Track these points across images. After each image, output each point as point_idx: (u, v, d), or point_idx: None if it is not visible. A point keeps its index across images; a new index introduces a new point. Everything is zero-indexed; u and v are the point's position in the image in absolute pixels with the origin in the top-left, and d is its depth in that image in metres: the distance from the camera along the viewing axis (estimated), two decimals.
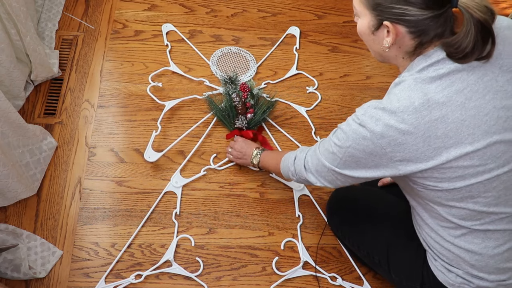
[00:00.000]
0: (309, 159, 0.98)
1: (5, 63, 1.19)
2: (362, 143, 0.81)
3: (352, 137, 0.83)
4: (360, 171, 0.86)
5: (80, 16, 1.59)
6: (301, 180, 1.03)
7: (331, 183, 0.94)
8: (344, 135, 0.85)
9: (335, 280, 1.21)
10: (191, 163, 1.35)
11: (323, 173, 0.94)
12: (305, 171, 0.99)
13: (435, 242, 0.93)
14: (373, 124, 0.79)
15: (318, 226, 1.29)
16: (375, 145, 0.80)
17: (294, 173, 1.04)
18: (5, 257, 1.09)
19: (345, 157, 0.86)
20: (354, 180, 0.90)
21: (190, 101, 1.47)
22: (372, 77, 1.63)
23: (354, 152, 0.84)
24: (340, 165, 0.88)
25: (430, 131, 0.76)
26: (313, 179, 0.98)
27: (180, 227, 1.24)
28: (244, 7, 1.72)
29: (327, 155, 0.91)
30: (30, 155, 1.22)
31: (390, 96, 0.80)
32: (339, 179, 0.92)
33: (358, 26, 0.87)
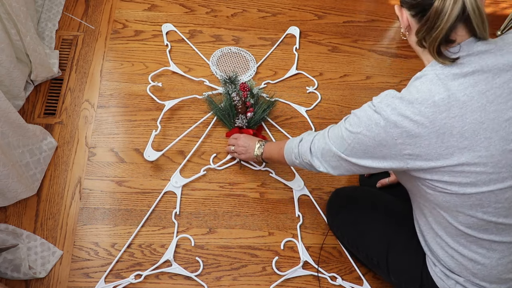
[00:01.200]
0: (316, 142, 0.96)
1: (5, 63, 1.19)
2: (374, 130, 0.80)
3: (364, 123, 0.81)
4: (366, 160, 0.85)
5: (80, 16, 1.59)
6: (303, 163, 1.01)
7: (334, 169, 0.92)
8: (356, 120, 0.84)
9: (335, 280, 1.21)
10: (191, 163, 1.35)
11: (328, 157, 0.92)
12: (310, 154, 0.97)
13: (439, 248, 0.92)
14: (388, 112, 0.78)
15: (318, 226, 1.29)
16: (387, 134, 0.78)
17: (297, 155, 1.02)
18: (5, 257, 1.09)
19: (353, 143, 0.84)
20: (359, 169, 0.89)
21: (190, 101, 1.47)
22: (372, 77, 1.63)
23: (364, 139, 0.82)
24: (348, 151, 0.86)
25: (446, 128, 0.75)
26: (317, 162, 0.96)
27: (180, 227, 1.24)
28: (244, 7, 1.72)
29: (336, 139, 0.89)
30: (30, 155, 1.22)
31: (410, 88, 0.79)
32: (343, 166, 0.90)
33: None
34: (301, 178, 1.37)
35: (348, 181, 1.39)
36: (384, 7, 1.84)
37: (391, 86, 1.62)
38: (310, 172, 1.39)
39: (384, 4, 1.85)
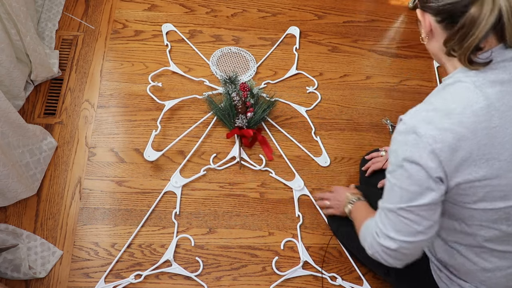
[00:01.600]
0: (377, 217, 0.83)
1: (5, 63, 1.19)
2: (415, 154, 0.71)
3: (402, 152, 0.73)
4: (426, 197, 0.73)
5: (80, 16, 1.59)
6: (376, 254, 0.83)
7: (406, 233, 0.77)
8: (393, 155, 0.75)
9: (335, 280, 1.21)
10: (191, 163, 1.35)
11: (392, 222, 0.78)
12: (377, 235, 0.81)
13: (448, 256, 0.89)
14: (424, 128, 0.70)
15: (318, 226, 1.29)
16: (429, 152, 0.70)
17: (370, 245, 0.85)
18: (5, 257, 1.09)
19: (403, 184, 0.74)
20: (425, 211, 0.75)
21: (190, 101, 1.47)
22: (372, 77, 1.63)
23: (410, 169, 0.72)
24: (404, 198, 0.75)
25: (487, 138, 0.70)
26: (386, 241, 0.79)
27: (180, 227, 1.24)
28: (244, 7, 1.72)
29: (387, 195, 0.79)
30: (30, 155, 1.22)
31: (441, 96, 0.73)
32: (412, 220, 0.76)
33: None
34: (301, 178, 1.37)
35: (348, 182, 1.39)
36: (384, 7, 1.84)
37: (391, 86, 1.62)
38: (310, 172, 1.39)
39: (384, 4, 1.85)
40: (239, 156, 1.36)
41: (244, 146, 1.39)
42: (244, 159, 1.37)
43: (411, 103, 1.58)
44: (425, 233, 0.77)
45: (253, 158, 1.38)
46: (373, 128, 1.51)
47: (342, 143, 1.46)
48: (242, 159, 1.37)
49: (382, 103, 1.58)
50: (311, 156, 1.41)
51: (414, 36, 1.77)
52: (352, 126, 1.50)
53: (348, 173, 1.40)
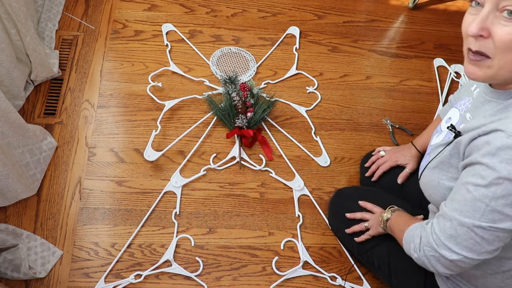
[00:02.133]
0: (436, 225, 0.76)
1: (5, 63, 1.19)
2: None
3: (507, 169, 0.64)
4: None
5: (80, 16, 1.59)
6: (425, 259, 0.78)
7: (473, 251, 0.71)
8: (490, 171, 0.66)
9: (335, 280, 1.21)
10: (191, 163, 1.35)
11: (460, 237, 0.71)
12: (435, 244, 0.75)
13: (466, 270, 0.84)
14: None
15: (318, 226, 1.29)
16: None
17: (416, 248, 0.80)
18: (5, 257, 1.09)
19: (494, 203, 0.66)
20: (506, 233, 0.69)
21: (190, 101, 1.47)
22: (372, 77, 1.63)
23: (510, 189, 0.64)
24: (487, 216, 0.67)
25: None
26: (445, 252, 0.73)
27: (180, 227, 1.24)
28: (244, 7, 1.72)
29: (464, 207, 0.70)
30: (30, 155, 1.22)
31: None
32: (486, 240, 0.69)
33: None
34: (301, 178, 1.37)
35: (348, 182, 1.39)
36: (384, 7, 1.84)
37: (391, 86, 1.62)
38: (310, 172, 1.39)
39: (384, 4, 1.85)
40: (239, 156, 1.36)
41: (244, 146, 1.39)
42: (244, 159, 1.37)
43: (411, 103, 1.59)
44: (491, 253, 0.72)
45: (253, 158, 1.38)
46: (373, 128, 1.51)
47: (342, 143, 1.46)
48: (242, 159, 1.37)
49: (382, 103, 1.58)
50: (311, 156, 1.41)
51: (414, 36, 1.77)
52: (352, 126, 1.50)
53: (348, 173, 1.40)
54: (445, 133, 0.90)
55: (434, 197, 0.87)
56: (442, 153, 0.84)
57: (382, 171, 1.23)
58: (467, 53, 0.72)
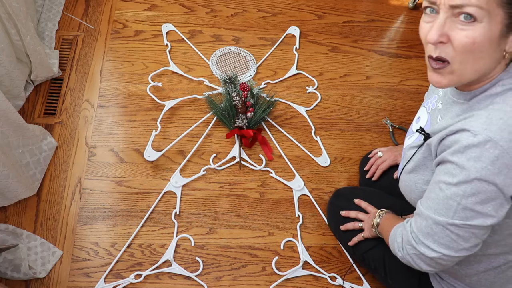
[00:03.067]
0: (414, 224, 0.77)
1: (5, 63, 1.19)
2: (491, 170, 0.64)
3: (474, 167, 0.65)
4: (488, 212, 0.67)
5: (80, 16, 1.59)
6: (408, 257, 0.79)
7: (450, 248, 0.72)
8: (459, 170, 0.67)
9: (335, 280, 1.21)
10: (191, 163, 1.35)
11: (436, 235, 0.73)
12: (414, 241, 0.77)
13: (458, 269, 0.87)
14: (506, 139, 0.62)
15: (318, 226, 1.29)
16: (510, 168, 0.63)
17: (399, 247, 0.82)
18: (5, 257, 1.09)
19: (465, 201, 0.68)
20: (481, 230, 0.70)
21: (190, 101, 1.47)
22: (372, 77, 1.63)
23: (480, 186, 0.66)
24: (461, 215, 0.69)
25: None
26: (424, 249, 0.75)
27: (180, 227, 1.24)
28: (244, 7, 1.72)
29: (437, 205, 0.72)
30: (30, 155, 1.22)
31: (509, 103, 0.66)
32: (461, 237, 0.71)
33: (480, 34, 0.65)
34: (301, 178, 1.37)
35: (348, 182, 1.39)
36: (384, 7, 1.84)
37: (391, 86, 1.62)
38: (310, 172, 1.39)
39: (384, 4, 1.85)
40: (239, 156, 1.36)
41: (244, 146, 1.39)
42: (244, 159, 1.37)
43: (411, 103, 1.59)
44: (469, 250, 0.72)
45: (253, 158, 1.38)
46: (373, 128, 1.51)
47: (342, 143, 1.46)
48: (242, 159, 1.37)
49: (382, 103, 1.58)
50: (311, 156, 1.41)
51: (414, 36, 1.77)
52: (352, 126, 1.50)
53: (348, 173, 1.40)
54: (416, 135, 0.90)
55: (414, 201, 0.87)
56: (416, 157, 0.84)
57: (382, 170, 1.24)
58: (429, 61, 0.73)
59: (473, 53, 0.67)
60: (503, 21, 0.64)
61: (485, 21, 0.64)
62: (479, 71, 0.70)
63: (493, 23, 0.64)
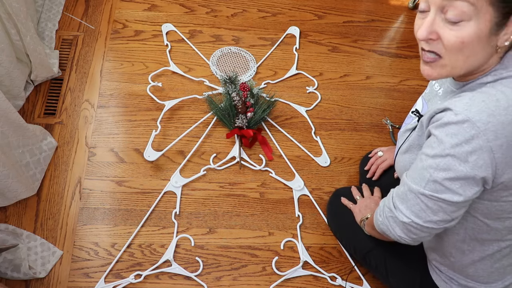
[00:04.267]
0: (395, 189, 0.81)
1: (5, 63, 1.19)
2: (465, 148, 0.66)
3: (451, 143, 0.67)
4: (456, 192, 0.70)
5: (80, 16, 1.59)
6: (386, 220, 0.82)
7: (420, 217, 0.75)
8: (438, 143, 0.70)
9: (335, 280, 1.21)
10: (191, 163, 1.35)
11: (409, 201, 0.76)
12: (393, 205, 0.80)
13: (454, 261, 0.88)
14: (484, 121, 0.64)
15: (318, 226, 1.29)
16: (484, 149, 0.65)
17: (381, 210, 0.85)
18: (5, 257, 1.09)
19: (437, 174, 0.70)
20: (449, 206, 0.72)
21: (190, 101, 1.47)
22: (372, 77, 1.63)
23: (452, 163, 0.68)
24: (431, 186, 0.72)
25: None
26: (397, 213, 0.78)
27: (180, 227, 1.24)
28: (244, 7, 1.72)
29: (414, 174, 0.75)
30: (30, 155, 1.22)
31: (496, 88, 0.68)
32: (430, 208, 0.73)
33: (469, 32, 0.67)
34: (301, 178, 1.37)
35: (348, 182, 1.39)
36: (384, 7, 1.84)
37: (391, 86, 1.62)
38: (310, 172, 1.39)
39: (384, 4, 1.85)
40: (239, 156, 1.36)
41: (244, 146, 1.39)
42: (244, 159, 1.37)
43: (411, 103, 1.58)
44: (437, 224, 0.75)
45: (253, 158, 1.38)
46: (373, 128, 1.51)
47: (342, 143, 1.46)
48: (242, 159, 1.37)
49: (382, 103, 1.58)
50: (311, 156, 1.41)
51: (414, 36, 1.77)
52: (352, 126, 1.50)
53: (348, 173, 1.40)
54: (411, 119, 0.94)
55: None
56: (410, 137, 0.87)
57: (382, 169, 1.25)
58: (422, 54, 0.75)
59: (462, 51, 0.68)
60: (493, 20, 0.65)
61: (473, 20, 0.65)
62: (471, 65, 0.71)
63: (482, 22, 0.65)
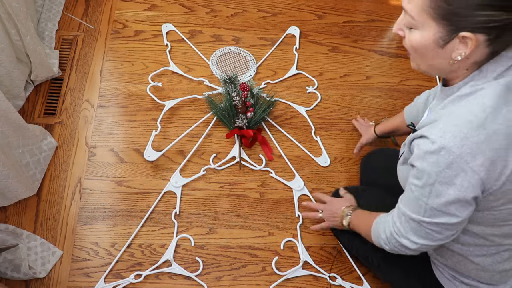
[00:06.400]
0: (396, 218, 0.84)
1: (5, 63, 1.19)
2: (448, 173, 0.69)
3: (434, 172, 0.70)
4: (452, 207, 0.73)
5: (80, 16, 1.59)
6: (395, 248, 0.86)
7: (427, 239, 0.79)
8: (422, 174, 0.73)
9: (335, 280, 1.21)
10: (191, 163, 1.35)
11: (414, 228, 0.80)
12: (397, 235, 0.84)
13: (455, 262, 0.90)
14: (458, 145, 0.67)
15: None
16: (466, 171, 0.68)
17: (386, 241, 0.88)
18: (5, 257, 1.09)
19: (431, 202, 0.74)
20: (452, 227, 0.76)
21: (190, 101, 1.47)
22: (372, 77, 1.63)
23: (441, 189, 0.71)
24: (428, 212, 0.75)
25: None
26: (406, 241, 0.82)
27: (180, 227, 1.24)
28: (244, 7, 1.72)
29: (410, 204, 0.79)
30: (30, 155, 1.22)
31: (468, 107, 0.70)
32: (434, 230, 0.77)
33: (416, 40, 0.73)
34: (301, 178, 1.37)
35: (348, 182, 1.39)
36: (384, 7, 1.84)
37: (391, 86, 1.62)
38: (310, 172, 1.39)
39: (384, 4, 1.85)
40: (239, 156, 1.36)
41: (244, 146, 1.39)
42: (244, 159, 1.37)
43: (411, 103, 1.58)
44: (445, 239, 0.79)
45: (253, 158, 1.38)
46: None
47: (342, 143, 1.46)
48: (242, 159, 1.37)
49: (382, 103, 1.58)
50: (311, 156, 1.41)
51: None
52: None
53: (348, 173, 1.40)
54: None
55: None
56: (404, 150, 0.89)
57: (361, 144, 1.37)
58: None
59: (417, 53, 0.75)
60: (437, 34, 0.69)
61: (420, 29, 0.72)
62: (435, 69, 0.76)
63: (426, 33, 0.71)
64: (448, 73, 0.76)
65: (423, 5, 0.69)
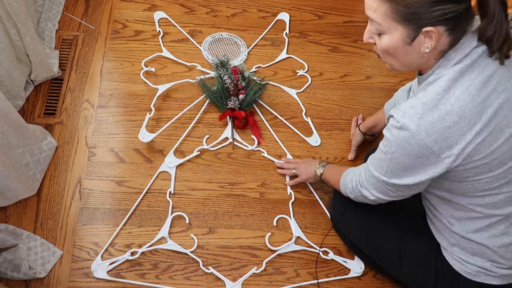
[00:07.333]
0: (363, 171, 0.98)
1: (5, 63, 1.19)
2: (407, 148, 0.81)
3: (395, 143, 0.82)
4: (407, 178, 0.86)
5: (80, 16, 1.59)
6: (358, 197, 1.02)
7: (384, 194, 0.94)
8: (387, 142, 0.85)
9: (327, 255, 1.23)
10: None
11: (374, 184, 0.94)
12: (360, 186, 0.99)
13: (457, 238, 0.95)
14: (415, 124, 0.79)
15: (318, 226, 1.29)
16: (421, 147, 0.80)
17: (351, 190, 1.03)
18: (5, 257, 1.09)
19: (391, 165, 0.86)
20: (405, 190, 0.90)
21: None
22: (372, 77, 1.63)
23: (400, 158, 0.83)
24: (388, 174, 0.88)
25: (477, 117, 0.78)
26: (366, 192, 0.97)
27: (180, 227, 1.24)
28: (244, 7, 1.72)
29: (375, 163, 0.91)
30: (30, 155, 1.22)
31: (427, 92, 0.80)
32: (390, 189, 0.92)
33: (386, 43, 0.83)
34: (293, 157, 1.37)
35: None
36: None
37: (391, 86, 1.62)
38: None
39: None
40: (231, 137, 1.37)
41: (236, 127, 1.41)
42: (237, 140, 1.39)
43: None
44: (398, 197, 0.94)
45: (245, 139, 1.41)
46: None
47: (342, 143, 1.46)
48: (235, 140, 1.38)
49: (382, 103, 1.57)
50: (302, 136, 1.43)
51: None
52: None
53: None
54: None
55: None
56: None
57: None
58: None
59: (389, 54, 0.85)
60: (404, 33, 0.79)
61: (387, 34, 0.81)
62: (408, 64, 0.86)
63: (394, 36, 0.81)
64: (420, 65, 0.87)
65: (386, 12, 0.78)
